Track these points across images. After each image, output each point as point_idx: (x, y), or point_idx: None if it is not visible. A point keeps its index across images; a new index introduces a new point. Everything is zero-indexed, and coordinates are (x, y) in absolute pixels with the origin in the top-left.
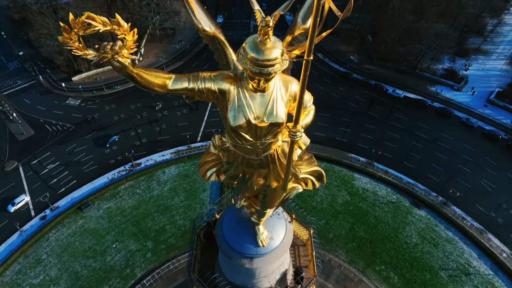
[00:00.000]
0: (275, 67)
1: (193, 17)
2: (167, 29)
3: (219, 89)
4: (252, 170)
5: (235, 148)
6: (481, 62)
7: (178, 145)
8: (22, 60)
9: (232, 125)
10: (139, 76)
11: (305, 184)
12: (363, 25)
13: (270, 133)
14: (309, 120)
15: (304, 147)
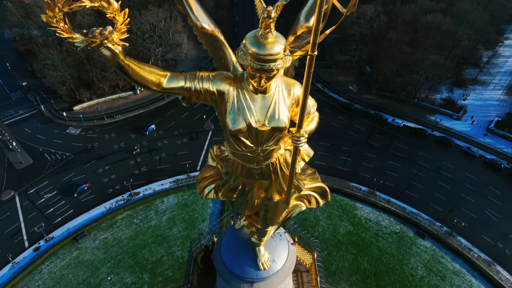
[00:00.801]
0: (277, 62)
1: (191, 14)
2: (169, 60)
3: (218, 90)
4: (252, 181)
5: (234, 157)
6: (478, 92)
7: (178, 174)
8: (25, 90)
9: (231, 129)
10: (131, 69)
11: (308, 202)
12: (361, 57)
13: (272, 139)
14: (313, 127)
15: (308, 158)
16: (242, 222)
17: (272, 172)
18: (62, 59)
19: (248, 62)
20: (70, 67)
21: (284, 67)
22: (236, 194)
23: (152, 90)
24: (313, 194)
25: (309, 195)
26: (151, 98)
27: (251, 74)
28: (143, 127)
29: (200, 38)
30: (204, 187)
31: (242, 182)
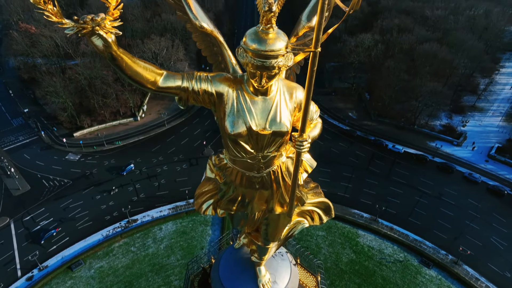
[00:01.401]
0: (278, 59)
1: (189, 13)
2: None
3: (217, 91)
4: (252, 192)
5: (234, 164)
6: (477, 118)
7: (177, 201)
8: (26, 117)
9: (231, 132)
10: (124, 62)
11: (311, 219)
12: (360, 84)
13: (273, 144)
14: (316, 133)
15: (310, 169)
16: (241, 240)
17: (274, 181)
18: (65, 86)
19: (249, 59)
20: (72, 94)
21: (285, 65)
22: (236, 206)
23: (147, 89)
24: (316, 210)
25: (312, 211)
26: (152, 125)
27: (251, 72)
28: (120, 167)
29: (200, 44)
30: (202, 202)
31: (241, 193)
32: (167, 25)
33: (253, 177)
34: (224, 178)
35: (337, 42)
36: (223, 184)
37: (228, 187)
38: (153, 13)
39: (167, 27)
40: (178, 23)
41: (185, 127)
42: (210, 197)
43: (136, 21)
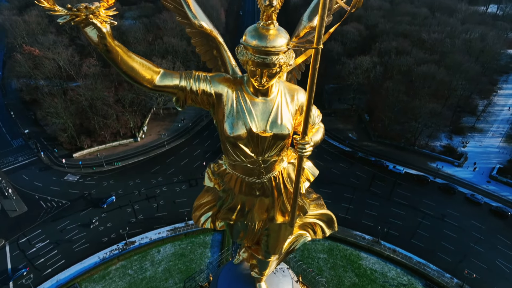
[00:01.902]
0: (279, 56)
1: (188, 12)
2: (171, 109)
3: (216, 91)
4: (252, 199)
5: (233, 170)
6: (477, 139)
7: (175, 222)
8: (27, 138)
9: (230, 134)
10: (120, 56)
11: (314, 232)
12: (359, 105)
13: (274, 148)
14: (319, 138)
15: (313, 178)
16: (241, 255)
17: (275, 188)
18: (66, 107)
19: (249, 56)
20: (72, 115)
21: (287, 63)
22: (235, 214)
23: (143, 86)
24: (318, 222)
25: (314, 223)
26: (151, 145)
27: (251, 71)
28: (101, 199)
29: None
30: (200, 215)
31: (241, 201)
32: (169, 48)
33: (253, 183)
34: (223, 186)
35: (336, 64)
36: (222, 192)
37: (227, 195)
38: (155, 36)
39: (169, 50)
40: (179, 46)
41: (185, 148)
42: (208, 209)
43: (138, 44)
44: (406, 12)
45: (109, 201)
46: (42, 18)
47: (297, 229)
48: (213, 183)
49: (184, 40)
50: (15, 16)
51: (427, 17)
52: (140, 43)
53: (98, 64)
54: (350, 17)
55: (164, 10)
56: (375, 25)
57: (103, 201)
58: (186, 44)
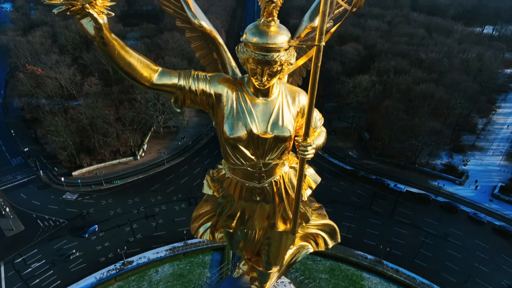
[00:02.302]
0: (280, 53)
1: (188, 12)
2: (171, 127)
3: (215, 92)
4: (253, 206)
5: (233, 174)
6: (478, 157)
7: (174, 242)
8: (26, 156)
9: (229, 136)
10: (117, 50)
11: (316, 244)
12: (359, 123)
13: (275, 150)
14: (321, 142)
15: (315, 185)
16: (241, 267)
17: (276, 193)
18: (66, 125)
19: (249, 53)
20: (73, 133)
21: (288, 62)
22: (235, 222)
23: (140, 85)
24: (320, 233)
25: (316, 234)
26: (151, 164)
27: (252, 69)
28: (82, 228)
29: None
30: (198, 226)
31: (241, 208)
32: (170, 67)
33: (253, 188)
34: (222, 192)
35: (335, 83)
36: (221, 198)
37: (227, 201)
38: (156, 56)
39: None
40: (180, 65)
41: (184, 166)
42: (207, 220)
43: None
44: (403, 32)
45: (91, 230)
46: (45, 39)
47: (298, 240)
48: (212, 191)
49: (185, 59)
50: (19, 36)
51: (424, 38)
52: None
53: (100, 83)
54: (348, 37)
55: (165, 30)
56: (373, 45)
57: (85, 230)
58: (186, 64)
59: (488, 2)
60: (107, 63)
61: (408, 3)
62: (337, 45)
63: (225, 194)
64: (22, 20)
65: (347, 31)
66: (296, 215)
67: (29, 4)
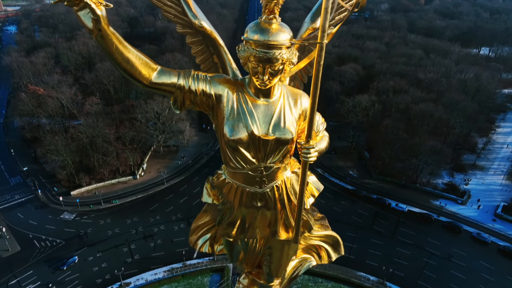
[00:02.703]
0: (282, 51)
1: (188, 13)
2: (171, 146)
3: (216, 93)
4: (254, 213)
5: (233, 179)
6: (479, 177)
7: (173, 262)
8: (25, 175)
9: (230, 137)
10: (115, 44)
11: (319, 256)
12: (359, 143)
13: (277, 153)
14: (323, 146)
15: (317, 193)
16: (241, 281)
17: (278, 199)
18: (66, 144)
19: (251, 51)
20: (72, 152)
21: (290, 61)
22: (235, 230)
23: (139, 83)
24: (323, 245)
25: (319, 246)
26: (151, 183)
27: (253, 68)
28: (60, 259)
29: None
30: (197, 238)
31: (241, 215)
32: None
33: (254, 194)
34: (222, 198)
35: (335, 102)
36: (221, 205)
37: (227, 208)
38: None
39: None
40: None
41: (184, 186)
42: (207, 231)
43: None
44: (401, 53)
45: (70, 261)
46: (48, 59)
47: (301, 253)
48: (212, 199)
49: None
50: (22, 57)
51: (422, 58)
52: None
53: (101, 102)
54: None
55: (166, 51)
56: (372, 65)
57: (63, 262)
58: None
59: (483, 24)
60: (109, 83)
61: (405, 25)
62: (336, 65)
63: (225, 201)
64: (26, 41)
65: (346, 52)
66: (299, 223)
67: (33, 27)
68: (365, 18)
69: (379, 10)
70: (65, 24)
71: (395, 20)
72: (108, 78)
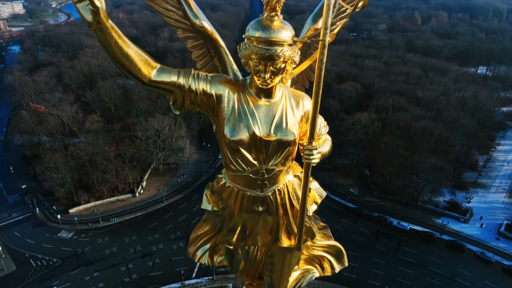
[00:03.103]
0: (284, 48)
1: (189, 13)
2: (171, 164)
3: (216, 93)
4: (255, 218)
5: (234, 182)
6: (481, 194)
7: (171, 282)
8: (23, 193)
9: (231, 138)
10: (114, 38)
11: (322, 268)
12: (359, 160)
13: (279, 155)
14: (326, 150)
15: (320, 200)
16: None
17: (280, 204)
18: (66, 162)
19: (252, 48)
20: (72, 170)
21: (292, 59)
22: (236, 236)
23: (138, 80)
24: (326, 255)
25: (322, 257)
26: (150, 201)
27: (255, 66)
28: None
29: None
30: (196, 249)
31: (242, 221)
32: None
33: (255, 198)
34: (222, 204)
35: (334, 120)
36: (221, 210)
37: (227, 214)
38: (158, 95)
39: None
40: None
41: (184, 203)
42: (206, 241)
43: (141, 102)
44: (400, 72)
45: None
46: (50, 78)
47: (303, 264)
48: (211, 206)
49: None
50: (25, 76)
51: (420, 77)
52: (144, 100)
53: (101, 120)
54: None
55: None
56: (371, 83)
57: None
58: None
59: (480, 44)
60: (109, 101)
61: (403, 45)
62: (336, 83)
63: (225, 206)
64: (29, 60)
65: (345, 70)
66: (301, 229)
67: (36, 46)
68: (363, 38)
69: (377, 30)
70: (68, 43)
71: (393, 40)
72: (109, 96)
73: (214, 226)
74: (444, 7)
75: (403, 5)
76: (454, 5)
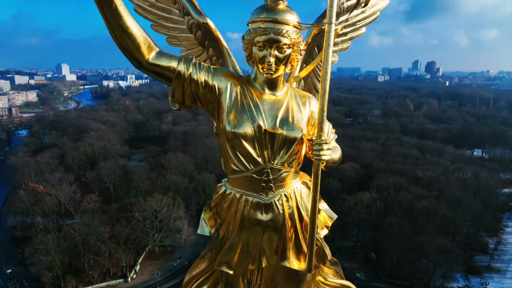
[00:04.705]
0: (290, 29)
1: (192, 11)
2: (167, 246)
3: (219, 86)
4: (259, 232)
5: (235, 186)
6: (497, 280)
7: None
8: (7, 278)
9: (231, 130)
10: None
11: None
12: (364, 242)
13: (285, 153)
14: (337, 157)
15: (331, 222)
16: None
17: (287, 213)
18: (57, 244)
19: (257, 30)
20: (62, 252)
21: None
22: (237, 255)
23: (135, 60)
24: None
25: None
26: (142, 287)
27: (259, 53)
28: None
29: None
30: None
31: (243, 237)
32: (171, 185)
33: (259, 204)
34: (220, 220)
35: (336, 200)
36: (220, 225)
37: (226, 230)
38: (158, 175)
39: (171, 187)
40: (181, 183)
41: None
42: (203, 282)
43: (141, 182)
44: (397, 153)
45: None
46: (53, 159)
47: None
48: (209, 230)
49: (186, 177)
50: (28, 157)
51: (418, 158)
52: (143, 180)
53: (99, 200)
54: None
55: (169, 151)
56: (370, 164)
57: None
58: (187, 181)
59: (472, 128)
60: (109, 181)
61: (398, 128)
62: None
63: (224, 219)
64: (35, 143)
65: (344, 151)
66: (312, 245)
67: (44, 130)
68: (359, 122)
69: (372, 115)
70: (74, 127)
71: (388, 124)
72: (109, 176)
73: (212, 261)
74: (434, 95)
75: (395, 93)
76: (442, 93)
